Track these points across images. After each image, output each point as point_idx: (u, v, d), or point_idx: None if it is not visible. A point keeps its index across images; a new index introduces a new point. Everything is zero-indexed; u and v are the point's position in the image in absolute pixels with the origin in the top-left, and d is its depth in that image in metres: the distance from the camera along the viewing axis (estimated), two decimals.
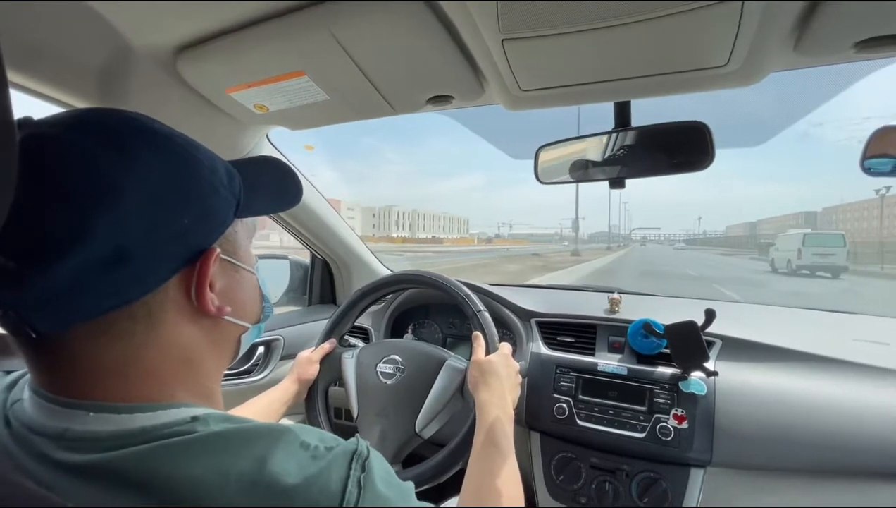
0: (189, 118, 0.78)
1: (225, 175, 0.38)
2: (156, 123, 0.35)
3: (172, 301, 0.35)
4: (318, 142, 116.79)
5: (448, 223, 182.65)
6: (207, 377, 0.39)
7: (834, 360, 0.83)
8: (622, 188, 0.76)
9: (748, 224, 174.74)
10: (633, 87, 0.64)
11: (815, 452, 0.74)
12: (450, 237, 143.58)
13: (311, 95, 0.71)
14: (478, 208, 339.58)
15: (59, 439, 0.30)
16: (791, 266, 18.57)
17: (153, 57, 0.66)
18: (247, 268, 0.43)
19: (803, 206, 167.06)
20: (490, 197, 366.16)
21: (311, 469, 0.31)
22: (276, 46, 0.61)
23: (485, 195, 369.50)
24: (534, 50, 0.54)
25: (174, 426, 0.31)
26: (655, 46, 0.52)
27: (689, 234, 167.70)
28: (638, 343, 0.93)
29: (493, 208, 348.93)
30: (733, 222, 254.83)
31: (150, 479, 0.28)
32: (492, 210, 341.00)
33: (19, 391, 0.36)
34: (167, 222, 0.33)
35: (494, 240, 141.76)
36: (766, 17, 0.45)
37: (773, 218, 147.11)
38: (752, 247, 65.47)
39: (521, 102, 0.69)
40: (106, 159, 0.30)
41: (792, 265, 18.51)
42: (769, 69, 0.56)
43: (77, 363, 0.32)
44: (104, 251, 0.29)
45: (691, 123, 0.67)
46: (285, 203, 0.49)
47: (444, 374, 0.82)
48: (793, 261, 18.45)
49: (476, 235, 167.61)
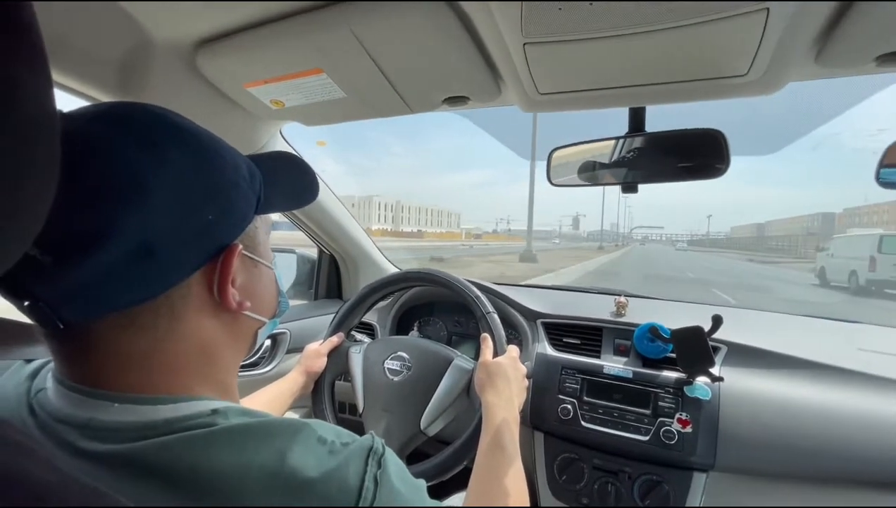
0: (205, 112, 0.78)
1: (247, 172, 0.39)
2: (183, 120, 0.35)
3: (195, 296, 0.35)
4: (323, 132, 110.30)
5: (436, 217, 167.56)
6: (225, 371, 0.40)
7: (840, 369, 0.83)
8: (634, 193, 0.76)
9: (755, 225, 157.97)
10: (651, 93, 0.64)
11: (818, 460, 0.74)
12: (435, 232, 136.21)
13: (329, 92, 0.71)
14: (479, 203, 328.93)
15: (84, 428, 0.31)
16: (857, 281, 12.26)
17: (173, 51, 0.66)
18: (265, 264, 0.43)
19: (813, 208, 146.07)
20: (494, 193, 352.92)
21: (330, 463, 0.32)
22: (296, 43, 0.61)
23: (486, 192, 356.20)
24: (555, 55, 0.54)
25: (196, 418, 0.32)
26: (677, 54, 0.52)
27: (692, 234, 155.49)
28: (644, 347, 0.93)
29: (496, 204, 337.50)
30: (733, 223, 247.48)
31: (173, 469, 0.29)
32: (495, 206, 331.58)
33: (42, 380, 0.37)
34: (192, 218, 0.33)
35: (484, 236, 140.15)
36: (791, 28, 0.45)
37: (784, 220, 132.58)
38: (761, 250, 61.01)
39: (537, 105, 0.70)
40: (137, 156, 0.30)
41: (859, 280, 12.13)
42: (789, 79, 0.56)
43: (102, 355, 0.32)
44: (131, 246, 0.30)
45: (707, 131, 0.67)
46: (303, 200, 0.49)
47: (450, 373, 0.83)
48: (860, 274, 12.05)
49: (470, 229, 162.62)
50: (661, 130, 0.73)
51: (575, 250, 41.34)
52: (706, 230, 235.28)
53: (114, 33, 0.61)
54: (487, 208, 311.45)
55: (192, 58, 0.67)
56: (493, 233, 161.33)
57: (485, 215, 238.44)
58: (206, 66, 0.68)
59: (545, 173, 0.85)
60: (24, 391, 0.36)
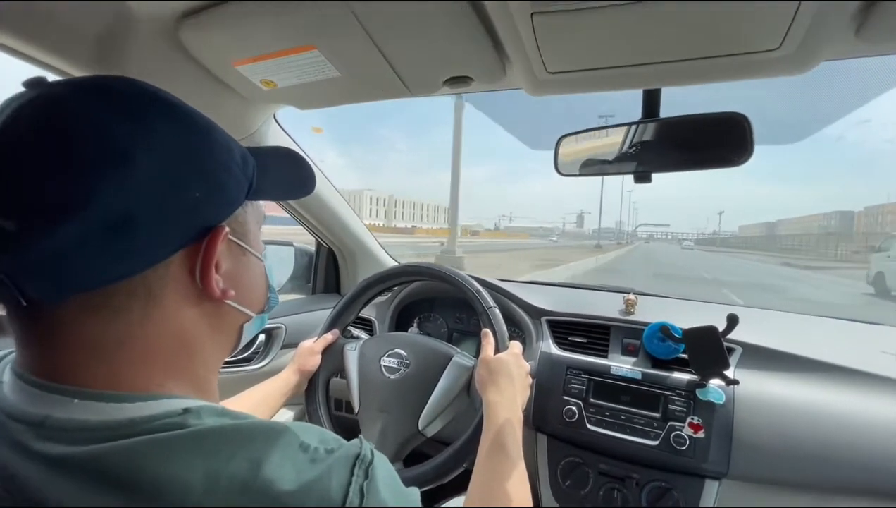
0: (194, 93, 0.74)
1: (239, 157, 0.37)
2: (174, 98, 0.34)
3: (174, 280, 0.33)
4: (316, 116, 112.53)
5: (432, 212, 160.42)
6: (204, 366, 0.37)
7: (862, 373, 0.79)
8: (648, 182, 0.72)
9: (766, 224, 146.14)
10: (668, 72, 0.59)
11: (839, 469, 0.70)
12: (429, 228, 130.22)
13: (322, 71, 0.67)
14: (482, 198, 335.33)
15: (38, 427, 0.28)
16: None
17: (155, 24, 0.62)
18: (254, 253, 0.41)
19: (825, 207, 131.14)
20: (499, 189, 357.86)
21: (310, 473, 0.28)
22: (287, 17, 0.57)
23: (491, 187, 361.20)
24: (565, 27, 0.49)
25: (164, 417, 0.29)
26: (700, 24, 0.47)
27: (699, 233, 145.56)
28: (654, 347, 0.89)
29: (499, 200, 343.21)
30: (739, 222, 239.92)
31: (134, 477, 0.26)
32: (498, 202, 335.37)
33: (0, 372, 0.34)
34: (177, 194, 0.31)
35: (482, 233, 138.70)
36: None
37: (797, 218, 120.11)
38: (773, 249, 56.23)
39: (545, 87, 0.65)
40: (117, 125, 0.29)
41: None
42: (824, 56, 0.51)
43: (66, 341, 0.30)
44: (109, 217, 0.28)
45: (729, 115, 0.62)
46: (297, 192, 0.48)
47: (450, 371, 0.79)
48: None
49: (469, 226, 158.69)
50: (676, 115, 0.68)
51: (561, 250, 32.44)
52: (713, 229, 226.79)
53: (90, 5, 0.57)
54: (489, 203, 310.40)
55: (175, 33, 0.63)
56: (493, 230, 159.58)
57: (487, 212, 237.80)
58: (192, 41, 0.64)
59: (552, 163, 0.81)
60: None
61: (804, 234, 69.80)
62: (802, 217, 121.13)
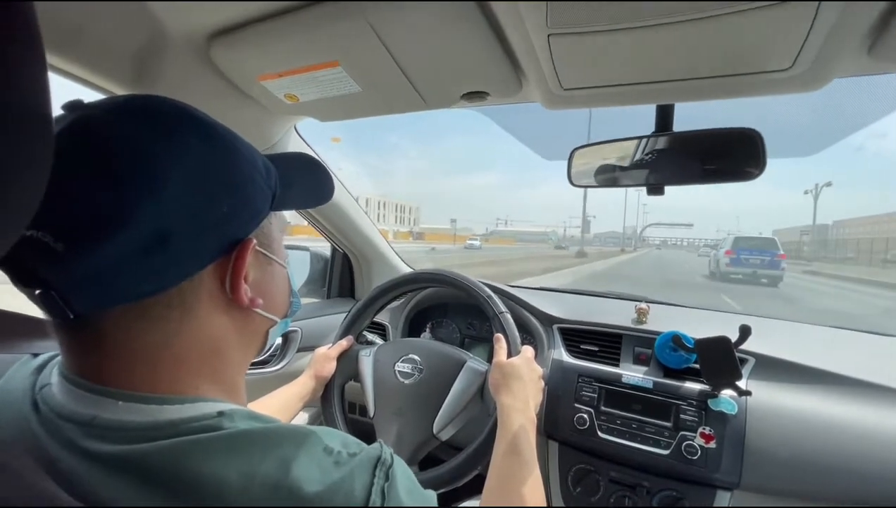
0: (219, 106, 0.78)
1: (263, 167, 0.39)
2: (199, 112, 0.35)
3: (206, 291, 0.35)
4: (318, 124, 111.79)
5: (406, 213, 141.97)
6: (234, 370, 0.39)
7: (877, 386, 0.78)
8: (661, 195, 0.73)
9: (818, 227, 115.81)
10: (681, 90, 0.60)
11: (852, 483, 0.70)
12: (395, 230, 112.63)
13: (344, 86, 0.69)
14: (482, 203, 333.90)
15: (87, 426, 0.30)
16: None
17: (188, 43, 0.65)
18: (279, 261, 0.43)
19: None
20: (505, 193, 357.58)
21: (335, 475, 0.30)
22: (312, 35, 0.60)
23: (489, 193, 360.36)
24: (581, 47, 0.51)
25: (201, 419, 0.31)
26: (713, 46, 0.49)
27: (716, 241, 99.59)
28: (665, 356, 0.89)
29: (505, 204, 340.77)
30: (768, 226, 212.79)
31: (176, 475, 0.28)
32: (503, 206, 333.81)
33: (48, 374, 0.37)
34: (208, 210, 0.33)
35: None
36: (844, 16, 0.42)
37: (859, 219, 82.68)
38: (831, 260, 38.70)
39: (560, 101, 0.66)
40: (153, 145, 0.30)
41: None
42: (836, 74, 0.52)
43: (110, 348, 0.32)
44: (146, 235, 0.29)
45: (741, 130, 0.63)
46: (318, 199, 0.49)
47: (463, 376, 0.81)
48: None
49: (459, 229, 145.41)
50: (689, 129, 0.69)
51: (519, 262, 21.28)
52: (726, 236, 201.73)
53: (129, 25, 0.60)
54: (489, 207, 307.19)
55: (205, 50, 0.66)
56: (493, 234, 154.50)
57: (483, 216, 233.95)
58: (220, 58, 0.67)
59: (566, 173, 0.82)
60: (29, 386, 0.36)
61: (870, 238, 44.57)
62: (866, 218, 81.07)
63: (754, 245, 15.61)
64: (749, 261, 15.32)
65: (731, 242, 16.27)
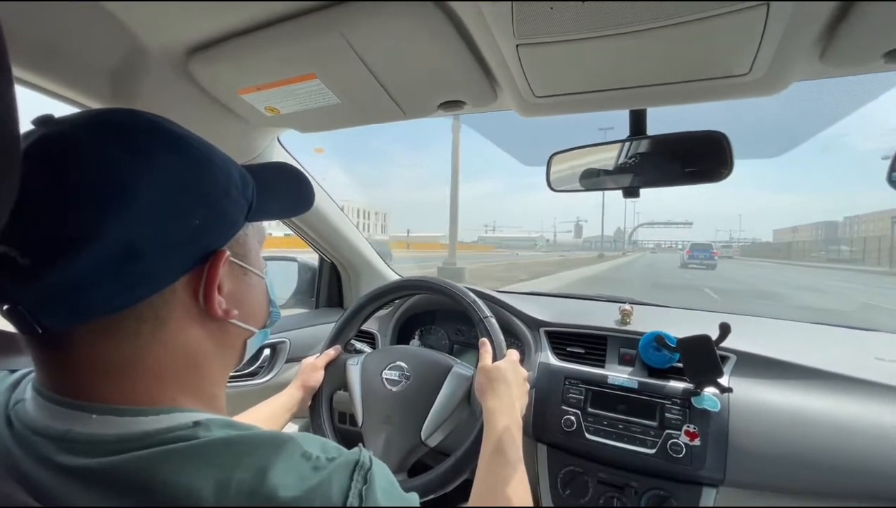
0: (201, 120, 0.78)
1: (238, 179, 0.39)
2: (172, 125, 0.35)
3: (180, 303, 0.35)
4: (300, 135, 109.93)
5: (364, 219, 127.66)
6: (211, 381, 0.39)
7: (855, 380, 0.80)
8: (636, 198, 0.74)
9: (826, 224, 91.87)
10: (651, 95, 0.62)
11: (834, 475, 0.71)
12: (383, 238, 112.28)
13: (323, 98, 0.70)
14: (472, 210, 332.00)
15: (61, 441, 0.30)
16: None
17: (166, 58, 0.66)
18: (256, 272, 0.43)
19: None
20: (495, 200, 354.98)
21: (312, 480, 0.30)
22: (288, 49, 0.61)
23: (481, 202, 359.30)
24: (549, 56, 0.53)
25: (176, 430, 0.31)
26: (675, 54, 0.50)
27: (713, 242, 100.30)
28: (650, 356, 0.91)
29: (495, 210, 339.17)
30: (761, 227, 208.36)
31: (149, 486, 0.28)
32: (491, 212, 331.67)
33: (22, 390, 0.36)
34: (179, 223, 0.33)
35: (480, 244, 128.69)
36: (793, 24, 0.44)
37: (874, 214, 76.91)
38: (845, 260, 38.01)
39: (534, 109, 0.68)
40: (122, 160, 0.30)
41: None
42: (793, 78, 0.54)
43: (82, 362, 0.32)
44: (116, 249, 0.29)
45: (709, 133, 0.65)
46: (297, 209, 0.49)
47: (450, 381, 0.81)
48: None
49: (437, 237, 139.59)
50: (663, 132, 0.71)
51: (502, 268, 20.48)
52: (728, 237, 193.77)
53: (106, 41, 0.61)
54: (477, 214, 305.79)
55: (185, 65, 0.67)
56: (481, 240, 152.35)
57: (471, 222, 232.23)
58: (200, 72, 0.68)
59: (545, 179, 0.84)
60: (3, 403, 0.36)
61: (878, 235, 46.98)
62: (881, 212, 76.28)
63: (701, 247, 32.55)
64: (698, 256, 31.58)
65: (689, 246, 27.24)
